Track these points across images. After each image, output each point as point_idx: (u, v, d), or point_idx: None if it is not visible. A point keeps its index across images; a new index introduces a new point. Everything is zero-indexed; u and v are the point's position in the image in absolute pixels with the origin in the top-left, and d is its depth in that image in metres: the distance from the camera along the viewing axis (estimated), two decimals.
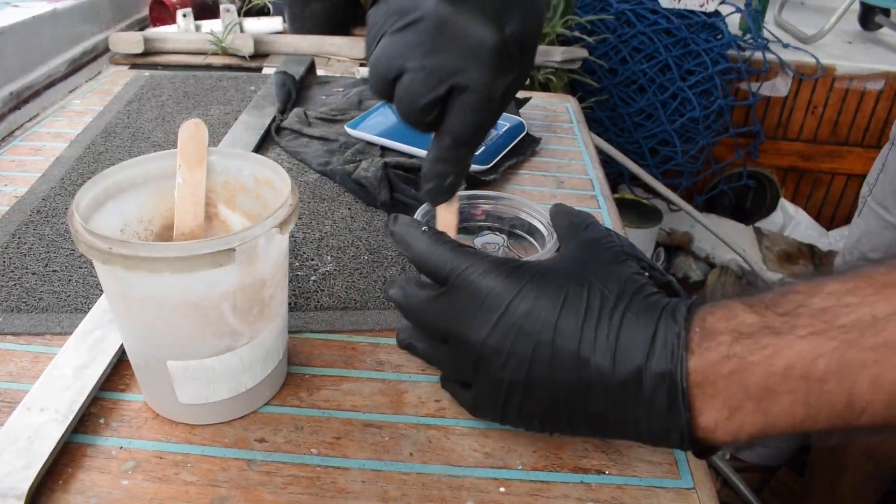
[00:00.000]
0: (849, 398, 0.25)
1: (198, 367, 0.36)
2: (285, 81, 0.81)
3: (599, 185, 0.68)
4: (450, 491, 0.36)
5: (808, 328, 0.26)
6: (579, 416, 0.31)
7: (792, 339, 0.26)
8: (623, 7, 1.47)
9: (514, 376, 0.31)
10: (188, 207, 0.40)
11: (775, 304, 0.27)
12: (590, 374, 0.29)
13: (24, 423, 0.36)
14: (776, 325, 0.27)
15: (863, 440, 0.85)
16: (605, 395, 0.29)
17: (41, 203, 0.59)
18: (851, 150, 1.64)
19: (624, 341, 0.29)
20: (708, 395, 0.27)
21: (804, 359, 0.26)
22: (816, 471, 0.95)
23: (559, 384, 0.30)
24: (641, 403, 0.29)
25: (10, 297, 0.47)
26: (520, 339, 0.30)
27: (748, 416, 0.27)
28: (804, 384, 0.26)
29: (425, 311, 0.34)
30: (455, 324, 0.32)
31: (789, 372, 0.26)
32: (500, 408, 0.33)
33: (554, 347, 0.29)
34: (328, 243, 0.56)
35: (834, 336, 0.25)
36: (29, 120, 0.80)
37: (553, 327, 0.29)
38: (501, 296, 0.31)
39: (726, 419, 0.27)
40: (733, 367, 0.27)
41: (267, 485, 0.35)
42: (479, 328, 0.31)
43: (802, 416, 0.26)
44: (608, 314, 0.29)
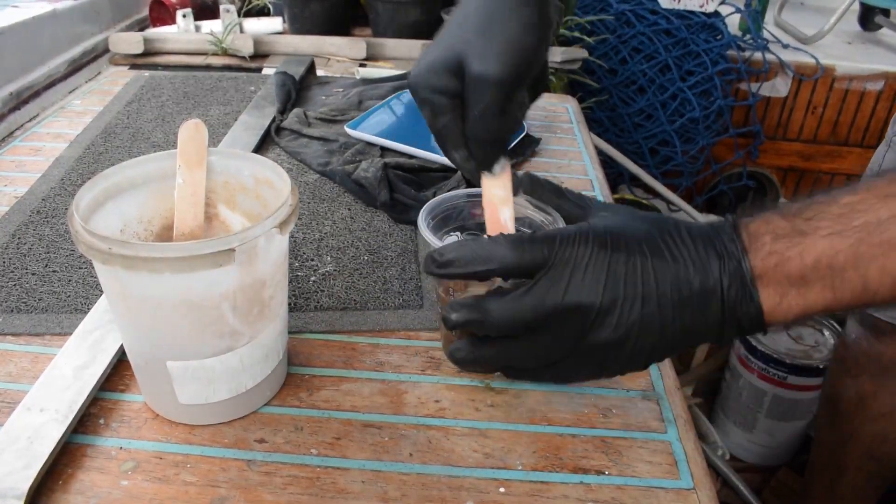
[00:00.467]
0: (864, 283, 0.32)
1: (198, 368, 0.36)
2: (285, 82, 0.81)
3: (599, 185, 0.68)
4: (449, 491, 0.36)
5: (828, 230, 0.33)
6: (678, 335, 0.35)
7: (816, 239, 0.33)
8: (623, 7, 1.47)
9: (630, 319, 0.35)
10: (188, 208, 0.40)
11: (801, 212, 0.34)
12: (689, 290, 0.34)
13: (24, 423, 0.36)
14: (803, 227, 0.33)
15: (865, 442, 0.85)
16: (700, 303, 0.34)
17: (41, 203, 0.59)
18: (851, 150, 1.64)
19: (703, 257, 0.35)
20: (764, 285, 0.34)
21: (827, 254, 0.32)
22: (816, 470, 0.95)
23: (665, 309, 0.35)
24: (723, 301, 0.34)
25: (10, 297, 0.47)
26: (628, 287, 0.34)
27: (793, 299, 0.33)
28: (829, 273, 0.32)
29: (520, 307, 0.35)
30: (564, 299, 0.35)
31: (817, 264, 0.32)
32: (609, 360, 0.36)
33: (658, 280, 0.35)
34: (328, 244, 0.56)
35: (849, 235, 0.32)
36: (29, 120, 0.80)
37: (651, 266, 0.35)
38: (601, 257, 0.35)
39: (778, 303, 0.34)
40: (776, 260, 0.33)
41: (267, 485, 0.35)
42: (593, 290, 0.34)
43: (831, 298, 0.33)
44: (682, 242, 0.35)
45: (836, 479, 0.91)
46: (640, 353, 0.36)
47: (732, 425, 1.19)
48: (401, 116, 0.76)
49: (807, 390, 1.09)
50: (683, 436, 0.40)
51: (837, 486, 0.91)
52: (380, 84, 0.85)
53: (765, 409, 1.12)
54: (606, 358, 0.36)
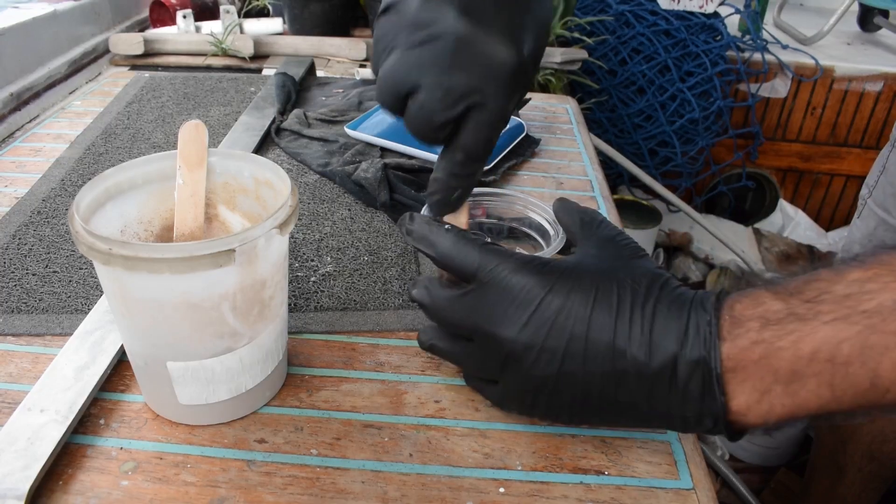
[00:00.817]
0: (873, 380, 0.26)
1: (197, 368, 0.36)
2: (285, 82, 0.81)
3: (599, 185, 0.68)
4: (449, 491, 0.36)
5: (832, 314, 0.27)
6: (611, 407, 0.31)
7: (817, 325, 0.27)
8: (622, 8, 1.47)
9: (546, 371, 0.31)
10: (188, 208, 0.40)
11: (800, 292, 0.28)
12: (625, 364, 0.30)
13: (24, 423, 0.36)
14: (801, 311, 0.28)
15: (865, 442, 0.85)
16: (640, 385, 0.30)
17: (41, 204, 0.59)
18: (850, 151, 1.64)
19: (658, 331, 0.30)
20: (739, 379, 0.28)
21: (829, 343, 0.27)
22: (817, 471, 0.95)
23: (592, 376, 0.30)
24: (676, 390, 0.29)
25: (11, 297, 0.47)
26: (552, 335, 0.31)
27: (777, 398, 0.28)
28: (829, 367, 0.27)
29: (451, 309, 0.34)
30: (484, 321, 0.32)
31: (815, 356, 0.27)
32: (530, 403, 0.34)
33: (588, 340, 0.30)
34: (328, 244, 0.56)
35: (857, 321, 0.27)
36: (29, 121, 0.80)
37: (587, 321, 0.30)
38: (533, 292, 0.31)
39: (757, 402, 0.28)
40: (762, 352, 0.28)
41: (267, 485, 0.35)
42: (510, 325, 0.31)
43: (829, 397, 0.27)
44: (640, 307, 0.30)
45: (836, 480, 0.91)
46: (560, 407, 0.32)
47: None
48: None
49: None
50: (683, 436, 0.40)
51: (837, 487, 0.91)
52: None
53: None
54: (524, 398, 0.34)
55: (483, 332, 0.33)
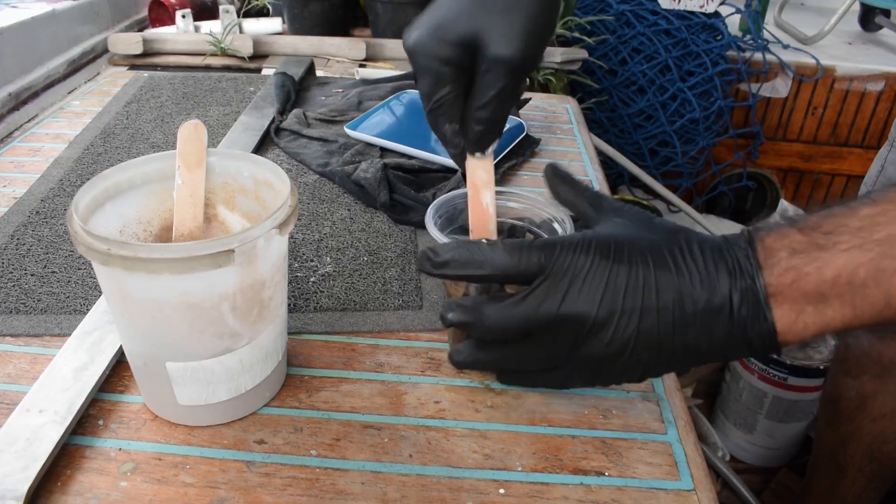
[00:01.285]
0: (887, 298, 0.31)
1: (197, 369, 0.36)
2: (284, 82, 0.81)
3: (599, 185, 0.68)
4: (449, 492, 0.35)
5: (848, 243, 0.31)
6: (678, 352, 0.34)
7: (836, 253, 0.31)
8: (623, 8, 1.47)
9: (627, 333, 0.34)
10: (187, 209, 0.40)
11: (818, 226, 0.33)
12: (693, 306, 0.33)
13: (23, 424, 0.36)
14: (821, 242, 0.32)
15: (866, 442, 0.85)
16: (706, 322, 0.33)
17: (40, 204, 0.59)
18: (851, 151, 1.64)
19: (711, 273, 0.33)
20: (778, 302, 0.32)
21: (847, 269, 0.31)
22: (817, 472, 0.95)
23: (665, 325, 0.33)
24: (732, 320, 0.33)
25: (9, 298, 0.47)
26: (628, 299, 0.33)
27: (809, 317, 0.32)
28: (849, 289, 0.31)
29: (513, 314, 0.35)
30: (560, 308, 0.34)
31: (837, 280, 0.31)
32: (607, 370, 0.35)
33: (659, 294, 0.33)
34: (327, 244, 0.56)
35: (870, 249, 0.31)
36: (28, 121, 0.79)
37: (654, 279, 0.33)
38: (600, 267, 0.34)
39: (793, 322, 0.32)
40: (793, 277, 0.32)
41: (266, 486, 0.35)
42: (590, 301, 0.34)
43: (851, 315, 0.32)
44: (690, 256, 0.34)
45: (836, 481, 0.90)
46: (635, 366, 0.35)
47: (732, 426, 1.19)
48: (400, 117, 0.76)
49: (807, 391, 1.08)
50: (683, 437, 0.40)
51: (838, 488, 0.90)
52: (379, 85, 0.85)
53: (765, 410, 1.12)
54: (600, 369, 0.35)
55: (561, 318, 0.34)
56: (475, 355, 0.38)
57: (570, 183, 0.41)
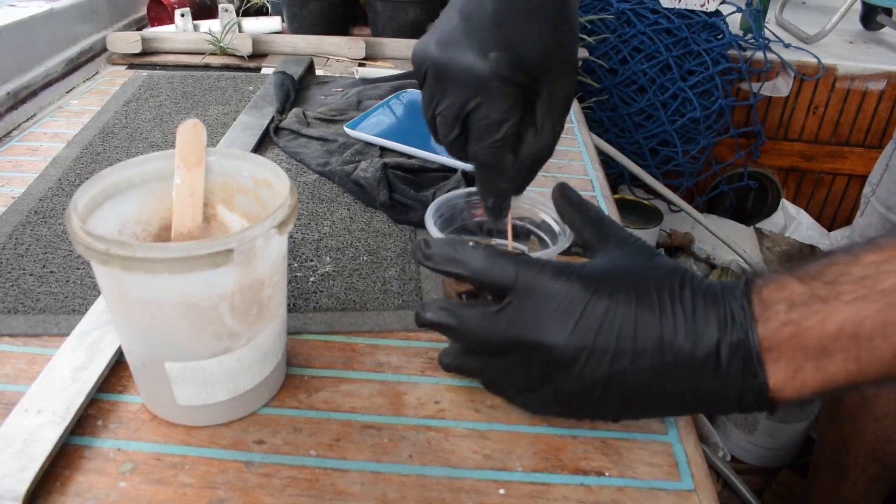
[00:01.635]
0: (894, 352, 0.29)
1: (196, 369, 0.36)
2: (284, 81, 0.81)
3: (599, 185, 0.68)
4: (449, 493, 0.35)
5: (852, 294, 0.29)
6: (657, 400, 0.33)
7: (839, 305, 0.29)
8: (623, 7, 1.47)
9: (597, 372, 0.32)
10: (186, 208, 0.40)
11: (820, 275, 0.31)
12: (674, 355, 0.31)
13: (21, 424, 0.36)
14: (823, 293, 0.30)
15: (869, 443, 0.85)
16: (688, 373, 0.31)
17: (38, 204, 0.59)
18: (853, 150, 1.63)
19: (700, 321, 0.31)
20: (774, 358, 0.31)
21: (852, 321, 0.29)
22: (819, 472, 0.95)
23: (641, 372, 0.32)
24: (719, 374, 0.31)
25: (8, 298, 0.47)
26: (601, 336, 0.32)
27: (809, 374, 0.30)
28: (854, 343, 0.29)
29: (487, 326, 0.34)
30: (528, 331, 0.32)
31: (840, 333, 0.29)
32: (577, 406, 0.34)
33: (636, 338, 0.31)
34: (327, 244, 0.55)
35: (876, 299, 0.29)
36: (26, 120, 0.79)
37: (633, 319, 0.32)
38: (577, 297, 0.32)
39: (791, 378, 0.31)
40: (792, 332, 0.30)
41: (265, 487, 0.35)
42: (558, 331, 0.32)
43: (855, 371, 0.30)
44: (679, 301, 0.32)
45: (838, 481, 0.90)
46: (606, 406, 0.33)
47: (733, 427, 1.19)
48: (400, 116, 0.75)
49: None
50: (684, 437, 0.39)
51: (840, 488, 0.90)
52: (379, 84, 0.85)
53: None
54: (570, 403, 0.34)
55: (528, 342, 0.33)
56: (460, 360, 0.38)
57: (577, 206, 0.39)
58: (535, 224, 0.45)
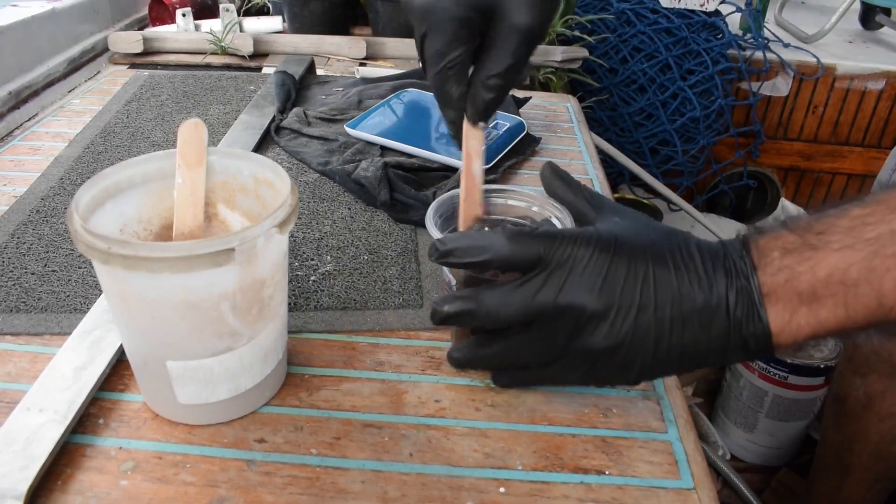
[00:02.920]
0: (879, 298, 0.31)
1: (197, 368, 0.36)
2: (285, 81, 0.81)
3: (600, 184, 0.68)
4: (450, 491, 0.35)
5: (839, 243, 0.32)
6: (675, 350, 0.34)
7: (828, 253, 0.32)
8: (623, 6, 1.47)
9: (623, 327, 0.34)
10: (187, 207, 0.40)
11: (811, 227, 0.33)
12: (691, 304, 0.33)
13: (23, 423, 0.36)
14: (814, 241, 0.32)
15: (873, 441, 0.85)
16: (703, 321, 0.33)
17: (40, 203, 0.59)
18: (852, 149, 1.63)
19: (709, 273, 0.34)
20: (772, 302, 0.33)
21: (839, 268, 0.31)
22: (821, 471, 0.95)
23: (663, 323, 0.34)
24: (729, 320, 0.33)
25: (9, 297, 0.47)
26: (625, 293, 0.34)
27: (803, 318, 0.32)
28: (842, 288, 0.31)
29: (510, 302, 0.35)
30: (555, 297, 0.34)
31: (829, 279, 0.32)
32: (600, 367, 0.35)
33: (657, 291, 0.34)
34: (328, 243, 0.56)
35: (861, 248, 0.31)
36: (28, 119, 0.79)
37: (652, 276, 0.34)
38: (600, 260, 0.34)
39: (788, 322, 0.33)
40: (786, 276, 0.32)
41: (266, 485, 0.35)
42: (587, 292, 0.34)
43: (844, 316, 0.32)
44: (688, 256, 0.34)
45: (841, 480, 0.90)
46: (630, 364, 0.35)
47: (733, 425, 1.19)
48: (401, 116, 0.76)
49: (808, 390, 1.08)
50: (684, 436, 0.40)
51: (842, 488, 0.90)
52: (380, 83, 0.85)
53: (765, 409, 1.12)
54: (595, 365, 0.35)
55: (556, 308, 0.34)
56: (475, 351, 0.38)
57: (568, 182, 0.41)
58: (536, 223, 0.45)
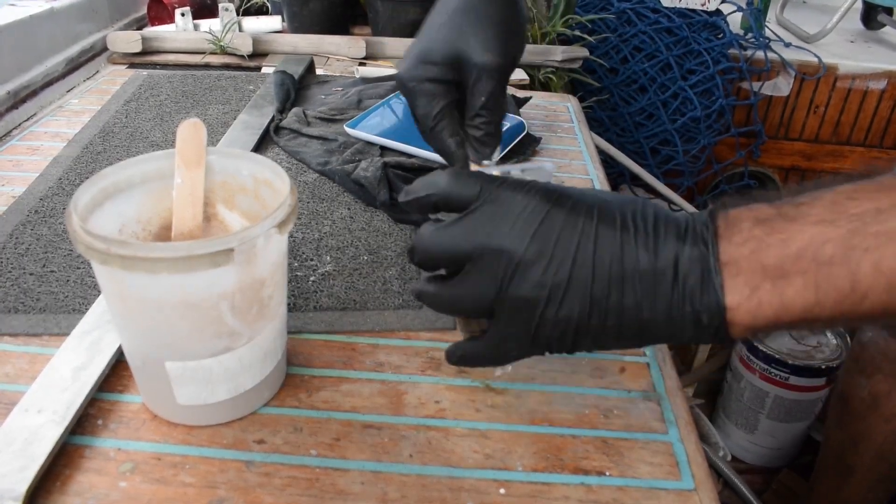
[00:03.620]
0: (853, 282, 0.28)
1: (196, 368, 0.36)
2: (284, 81, 0.81)
3: (600, 184, 0.68)
4: (450, 492, 0.35)
5: (818, 216, 0.29)
6: (615, 314, 0.32)
7: (804, 225, 0.29)
8: (624, 6, 1.46)
9: (555, 280, 0.32)
10: (186, 207, 0.40)
11: (791, 200, 0.30)
12: (633, 264, 0.31)
13: (22, 424, 0.36)
14: (791, 213, 0.29)
15: (877, 442, 0.85)
16: (645, 284, 0.31)
17: (39, 203, 0.59)
18: (853, 149, 1.63)
19: (660, 236, 0.31)
20: (732, 274, 0.30)
21: (814, 243, 0.28)
22: (823, 472, 0.95)
23: (600, 280, 0.31)
24: (677, 287, 0.31)
25: (8, 297, 0.47)
26: (560, 244, 0.32)
27: (766, 295, 0.29)
28: (814, 266, 0.28)
29: (441, 238, 0.34)
30: (487, 238, 0.32)
31: (801, 254, 0.28)
32: (535, 325, 0.33)
33: (597, 246, 0.31)
34: (327, 243, 0.55)
35: (841, 224, 0.28)
36: (26, 119, 0.79)
37: (594, 231, 0.32)
38: (538, 208, 0.32)
39: (747, 298, 0.30)
40: (753, 247, 0.29)
41: (266, 486, 0.35)
42: (518, 238, 0.32)
43: (812, 300, 0.29)
44: (641, 217, 0.32)
45: (843, 481, 0.90)
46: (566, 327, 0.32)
47: (734, 426, 1.19)
48: (400, 116, 0.75)
49: (809, 391, 1.08)
50: (685, 437, 0.39)
51: (844, 488, 0.90)
52: (379, 83, 0.85)
53: (766, 410, 1.12)
54: (530, 320, 0.33)
55: (485, 249, 0.32)
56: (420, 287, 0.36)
57: None
58: None
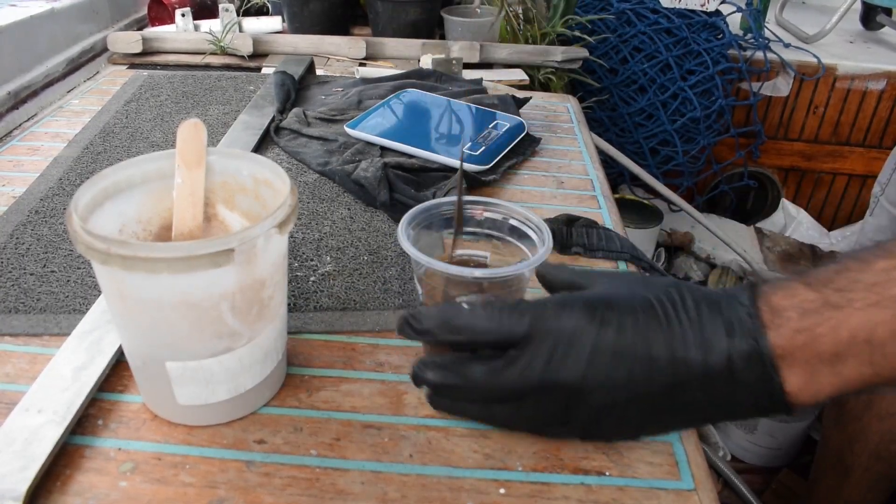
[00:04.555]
0: None
1: (196, 368, 0.36)
2: (284, 81, 0.81)
3: (600, 185, 0.68)
4: (450, 492, 0.35)
5: (863, 301, 0.30)
6: (675, 412, 0.33)
7: (851, 312, 0.30)
8: (624, 6, 1.47)
9: (616, 398, 0.33)
10: (187, 208, 0.40)
11: (830, 281, 0.31)
12: (687, 370, 0.32)
13: (22, 424, 0.36)
14: (835, 300, 0.30)
15: (873, 442, 0.85)
16: (702, 385, 0.32)
17: (39, 203, 0.59)
18: (853, 150, 1.63)
19: (708, 331, 0.32)
20: (788, 364, 0.31)
21: (864, 328, 0.30)
22: (821, 471, 0.95)
23: (657, 388, 0.32)
24: (733, 382, 0.31)
25: (8, 297, 0.47)
26: (617, 364, 0.32)
27: (825, 378, 0.31)
28: (867, 348, 0.30)
29: (497, 381, 0.34)
30: (542, 375, 0.33)
31: (854, 339, 0.30)
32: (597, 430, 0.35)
33: (651, 359, 0.32)
34: (327, 244, 0.55)
35: (888, 305, 0.29)
36: (27, 120, 0.79)
37: (644, 340, 0.32)
38: (587, 331, 0.32)
39: (807, 383, 0.31)
40: (805, 339, 0.30)
41: (266, 486, 0.35)
42: (574, 368, 0.32)
43: (870, 374, 0.30)
44: (684, 311, 0.32)
45: (841, 480, 0.90)
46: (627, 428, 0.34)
47: (733, 426, 1.19)
48: (401, 116, 0.75)
49: None
50: (684, 437, 0.39)
51: (843, 488, 0.90)
52: (379, 83, 0.85)
53: None
54: (589, 430, 0.35)
55: (544, 385, 0.33)
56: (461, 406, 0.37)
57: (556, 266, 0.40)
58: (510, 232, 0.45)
